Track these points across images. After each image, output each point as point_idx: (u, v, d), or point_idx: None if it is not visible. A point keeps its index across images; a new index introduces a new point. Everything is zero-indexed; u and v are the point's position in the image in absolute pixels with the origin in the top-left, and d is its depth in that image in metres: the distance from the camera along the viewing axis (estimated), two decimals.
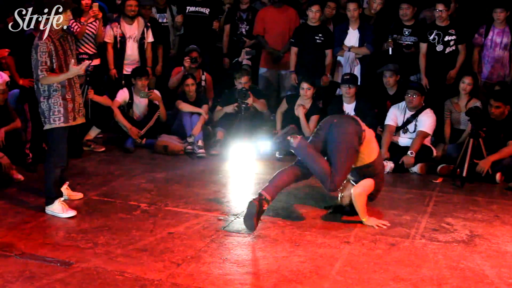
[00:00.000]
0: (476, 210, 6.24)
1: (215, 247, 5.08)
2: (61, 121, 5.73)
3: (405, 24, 8.68)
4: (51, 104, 5.70)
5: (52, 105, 5.70)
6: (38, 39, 5.66)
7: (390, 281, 4.51)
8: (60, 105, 5.71)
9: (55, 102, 5.70)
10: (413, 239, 5.38)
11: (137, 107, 8.68)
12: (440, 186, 7.12)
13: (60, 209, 5.76)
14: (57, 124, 5.73)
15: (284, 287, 4.39)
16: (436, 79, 8.54)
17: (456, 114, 8.13)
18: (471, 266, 4.82)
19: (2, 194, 6.34)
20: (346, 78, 8.27)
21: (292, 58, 9.08)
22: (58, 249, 4.95)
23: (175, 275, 4.53)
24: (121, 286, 4.33)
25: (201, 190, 6.66)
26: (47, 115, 5.71)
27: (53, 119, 5.71)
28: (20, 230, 5.35)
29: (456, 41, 8.45)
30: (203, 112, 8.59)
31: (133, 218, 5.76)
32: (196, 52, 9.03)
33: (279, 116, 8.78)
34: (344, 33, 8.89)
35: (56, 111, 5.70)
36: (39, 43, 5.61)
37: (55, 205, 5.78)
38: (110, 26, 8.86)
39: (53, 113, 5.70)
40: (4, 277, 4.41)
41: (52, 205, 5.78)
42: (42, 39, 5.60)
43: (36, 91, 5.78)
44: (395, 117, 7.92)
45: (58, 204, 5.78)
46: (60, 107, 5.71)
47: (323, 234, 5.43)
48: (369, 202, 5.81)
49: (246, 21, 9.68)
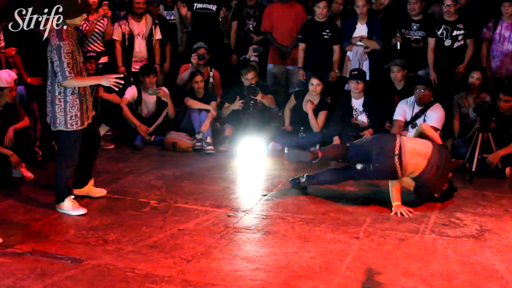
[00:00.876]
0: (486, 204, 6.23)
1: (225, 243, 5.09)
2: (78, 125, 5.71)
3: (413, 18, 8.65)
4: (68, 107, 5.64)
5: (69, 109, 5.64)
6: (58, 39, 5.55)
7: (400, 276, 4.51)
8: (77, 109, 5.67)
9: (73, 106, 5.65)
10: (422, 234, 5.38)
11: (146, 104, 8.69)
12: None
13: (71, 207, 5.78)
14: (74, 128, 5.71)
15: (294, 283, 4.40)
16: (445, 74, 8.51)
17: (465, 109, 8.10)
18: (481, 261, 4.82)
19: (13, 192, 6.37)
20: (354, 73, 8.25)
21: (300, 54, 9.08)
22: (69, 247, 4.97)
23: (185, 271, 4.54)
24: (132, 282, 4.35)
25: (210, 187, 6.67)
26: (62, 119, 5.65)
27: (70, 123, 5.67)
28: (31, 228, 5.38)
29: (464, 35, 8.41)
30: (211, 108, 8.59)
31: (143, 215, 5.78)
32: (204, 49, 9.03)
33: (288, 112, 8.77)
34: (353, 28, 8.87)
35: (74, 115, 5.66)
36: (62, 44, 5.51)
37: (65, 203, 5.79)
38: (118, 24, 8.87)
39: (71, 118, 5.65)
40: (15, 275, 4.43)
41: (62, 203, 5.80)
42: (63, 39, 5.52)
43: (50, 91, 5.70)
44: (404, 112, 7.90)
45: (68, 202, 5.80)
46: (78, 111, 5.67)
47: (333, 229, 5.43)
48: (378, 197, 5.81)
49: (253, 18, 9.68)
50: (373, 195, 6.43)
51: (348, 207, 6.05)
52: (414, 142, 6.11)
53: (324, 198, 6.31)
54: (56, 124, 5.72)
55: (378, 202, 6.17)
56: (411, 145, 5.95)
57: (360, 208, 6.02)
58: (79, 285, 4.29)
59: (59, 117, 5.66)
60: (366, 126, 8.17)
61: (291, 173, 7.16)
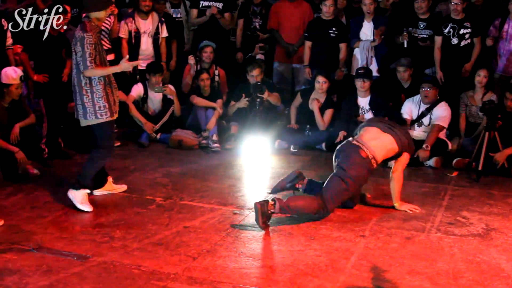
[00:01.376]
0: (492, 203, 6.22)
1: (230, 241, 5.09)
2: (108, 115, 5.79)
3: (420, 17, 8.64)
4: (96, 98, 5.73)
5: (97, 99, 5.73)
6: (82, 32, 5.66)
7: (406, 275, 4.50)
8: (104, 100, 5.75)
9: (99, 97, 5.74)
10: (428, 232, 5.37)
11: (152, 102, 8.70)
12: (455, 179, 7.10)
13: (80, 199, 5.78)
14: (104, 119, 5.79)
15: (300, 281, 4.40)
16: (451, 72, 8.49)
17: (472, 107, 8.09)
18: (487, 260, 4.80)
19: (19, 188, 6.38)
20: (361, 72, 8.24)
21: (306, 52, 9.08)
22: (75, 243, 4.98)
23: (191, 268, 4.55)
24: (138, 279, 4.36)
25: (216, 184, 6.68)
26: (92, 109, 5.73)
27: (99, 114, 5.75)
28: (37, 224, 5.39)
29: (471, 34, 8.39)
30: (217, 106, 8.60)
31: (148, 212, 5.79)
32: (211, 47, 9.03)
33: (293, 110, 8.78)
34: (359, 26, 8.86)
35: (102, 106, 5.75)
36: (85, 35, 5.63)
37: (79, 192, 5.81)
38: (124, 22, 8.87)
39: (99, 108, 5.74)
40: (21, 271, 4.44)
41: (77, 191, 5.81)
42: (86, 31, 5.65)
43: (76, 83, 5.78)
44: (410, 111, 7.89)
45: (81, 194, 5.81)
46: (105, 102, 5.76)
47: (338, 227, 5.43)
48: (384, 195, 5.79)
49: (259, 15, 9.67)
50: (379, 194, 6.42)
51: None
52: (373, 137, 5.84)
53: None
54: (86, 116, 5.78)
55: (384, 200, 6.16)
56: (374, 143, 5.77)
57: (365, 206, 6.01)
58: (85, 282, 4.30)
59: (88, 107, 5.74)
60: None
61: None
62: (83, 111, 5.77)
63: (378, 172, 7.25)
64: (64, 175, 6.88)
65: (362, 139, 5.76)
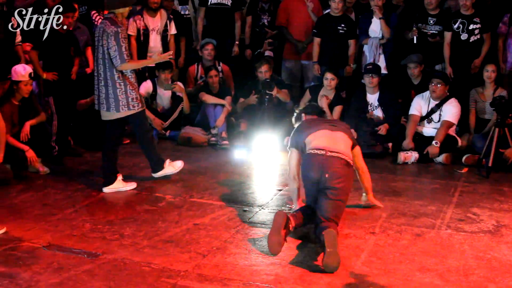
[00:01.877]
0: (503, 200, 6.19)
1: (240, 238, 5.09)
2: (140, 106, 6.17)
3: (430, 13, 8.60)
4: (129, 90, 6.02)
5: (130, 91, 6.03)
6: (114, 26, 5.89)
7: (416, 272, 4.49)
8: (136, 91, 6.11)
9: (132, 88, 6.06)
10: (438, 229, 5.35)
11: (161, 99, 8.71)
12: (465, 176, 7.07)
13: (170, 169, 6.57)
14: (136, 110, 6.10)
15: (310, 278, 4.39)
16: (461, 68, 8.46)
17: (481, 103, 8.06)
18: (498, 256, 4.79)
19: (29, 186, 6.42)
20: (369, 68, 8.23)
21: (315, 48, 9.06)
22: (85, 241, 5.00)
23: (201, 266, 4.55)
24: (148, 277, 4.36)
25: (225, 182, 6.68)
26: (125, 101, 6.02)
27: (132, 105, 6.08)
28: (47, 222, 5.41)
29: (480, 30, 8.35)
30: (226, 103, 8.60)
31: (158, 209, 5.80)
32: (211, 45, 9.04)
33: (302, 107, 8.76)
34: (369, 22, 8.84)
35: (134, 98, 6.09)
36: (119, 30, 5.88)
37: (167, 166, 6.54)
38: (133, 19, 8.86)
39: (132, 100, 6.05)
40: (32, 269, 4.46)
41: (158, 172, 6.52)
42: (119, 26, 5.92)
43: (108, 77, 5.99)
44: (420, 107, 7.87)
45: (169, 166, 6.55)
46: (137, 94, 6.15)
47: (349, 225, 5.41)
48: (394, 192, 5.76)
49: (268, 12, 9.67)
50: (389, 190, 6.41)
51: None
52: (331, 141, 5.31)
53: None
54: (119, 109, 6.04)
55: (394, 197, 6.15)
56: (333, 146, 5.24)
57: None
58: (95, 279, 4.31)
59: (121, 100, 6.01)
60: (381, 121, 8.15)
61: None
62: (115, 104, 6.02)
63: (387, 169, 7.28)
64: (74, 173, 6.92)
65: (328, 147, 5.17)
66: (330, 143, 5.22)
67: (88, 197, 6.13)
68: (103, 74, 6.02)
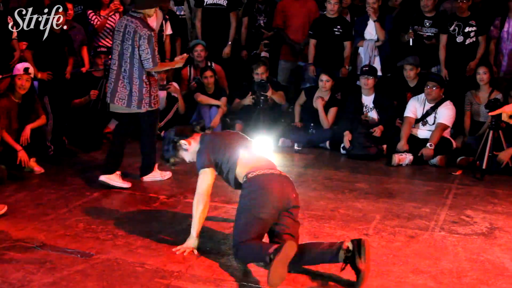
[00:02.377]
0: (496, 202, 6.20)
1: None
2: (157, 105, 6.50)
3: (426, 15, 8.62)
4: (152, 89, 6.32)
5: (152, 89, 6.32)
6: (148, 29, 6.09)
7: (409, 274, 4.49)
8: (156, 91, 6.45)
9: (154, 87, 6.37)
10: (432, 231, 5.35)
11: None
12: (459, 178, 7.08)
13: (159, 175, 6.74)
14: (154, 108, 6.42)
15: (303, 279, 4.39)
16: (456, 70, 8.48)
17: (476, 106, 8.07)
18: (491, 259, 4.79)
19: (23, 186, 6.40)
20: (365, 69, 8.25)
21: (311, 50, 9.07)
22: (79, 241, 4.98)
23: (195, 266, 4.54)
24: (141, 277, 4.35)
25: (220, 182, 6.60)
26: (148, 99, 6.28)
27: (153, 103, 6.36)
28: (41, 222, 5.39)
29: (476, 32, 8.38)
30: (221, 104, 8.59)
31: (152, 210, 5.79)
32: (201, 46, 9.04)
33: (298, 108, 8.78)
34: (364, 24, 8.86)
35: (155, 96, 6.39)
36: (152, 33, 6.12)
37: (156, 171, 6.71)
38: None
39: (153, 98, 6.35)
40: (25, 268, 4.44)
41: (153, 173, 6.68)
42: (152, 29, 6.17)
43: (136, 76, 6.18)
44: (415, 109, 7.88)
45: (157, 171, 6.70)
46: (157, 93, 6.46)
47: (342, 226, 5.42)
48: (388, 194, 5.77)
49: (264, 13, 9.67)
50: (383, 192, 6.42)
51: (358, 203, 6.04)
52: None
53: (333, 194, 6.30)
54: (140, 106, 6.27)
55: (387, 199, 6.16)
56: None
57: (369, 205, 6.00)
58: (88, 279, 4.30)
59: (145, 98, 6.27)
60: (376, 123, 8.16)
61: (300, 169, 7.18)
62: (138, 100, 6.24)
63: (381, 171, 7.29)
64: (68, 173, 6.90)
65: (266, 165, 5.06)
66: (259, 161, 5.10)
67: (82, 197, 6.11)
68: (129, 71, 6.19)
